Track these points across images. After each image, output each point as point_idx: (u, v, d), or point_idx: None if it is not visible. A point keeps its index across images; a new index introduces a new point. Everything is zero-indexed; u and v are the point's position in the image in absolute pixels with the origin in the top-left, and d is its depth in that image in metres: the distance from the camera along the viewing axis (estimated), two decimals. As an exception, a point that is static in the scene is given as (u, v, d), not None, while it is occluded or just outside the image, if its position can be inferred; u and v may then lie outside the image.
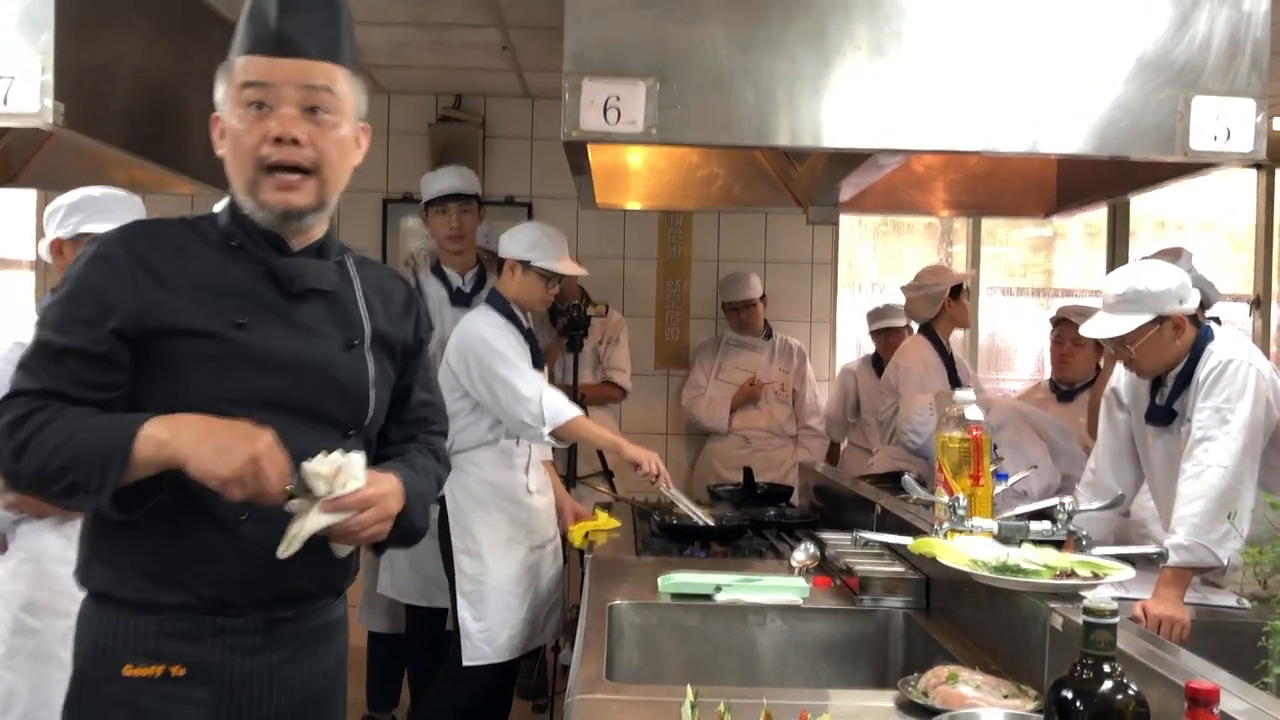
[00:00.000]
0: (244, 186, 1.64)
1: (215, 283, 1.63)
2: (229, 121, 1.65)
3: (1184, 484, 2.82)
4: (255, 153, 1.61)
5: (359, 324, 1.75)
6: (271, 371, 1.63)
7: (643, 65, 2.30)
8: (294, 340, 1.66)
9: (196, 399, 1.57)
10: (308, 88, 1.63)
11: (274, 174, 1.62)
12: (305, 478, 1.57)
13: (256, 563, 1.60)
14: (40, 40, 2.40)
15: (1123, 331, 2.89)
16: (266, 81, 1.62)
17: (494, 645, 3.46)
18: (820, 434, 5.18)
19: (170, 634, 1.60)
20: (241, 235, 1.67)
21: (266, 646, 1.66)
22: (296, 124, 1.62)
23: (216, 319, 1.60)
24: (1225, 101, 2.34)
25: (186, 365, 1.59)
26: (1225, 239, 6.26)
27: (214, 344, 1.60)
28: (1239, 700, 1.47)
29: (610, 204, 3.75)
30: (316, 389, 1.68)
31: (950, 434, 2.41)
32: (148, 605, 1.60)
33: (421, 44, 4.51)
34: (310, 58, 1.64)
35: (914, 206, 3.88)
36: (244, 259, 1.66)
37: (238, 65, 1.65)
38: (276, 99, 1.62)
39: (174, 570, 1.60)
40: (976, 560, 2.07)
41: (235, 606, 1.63)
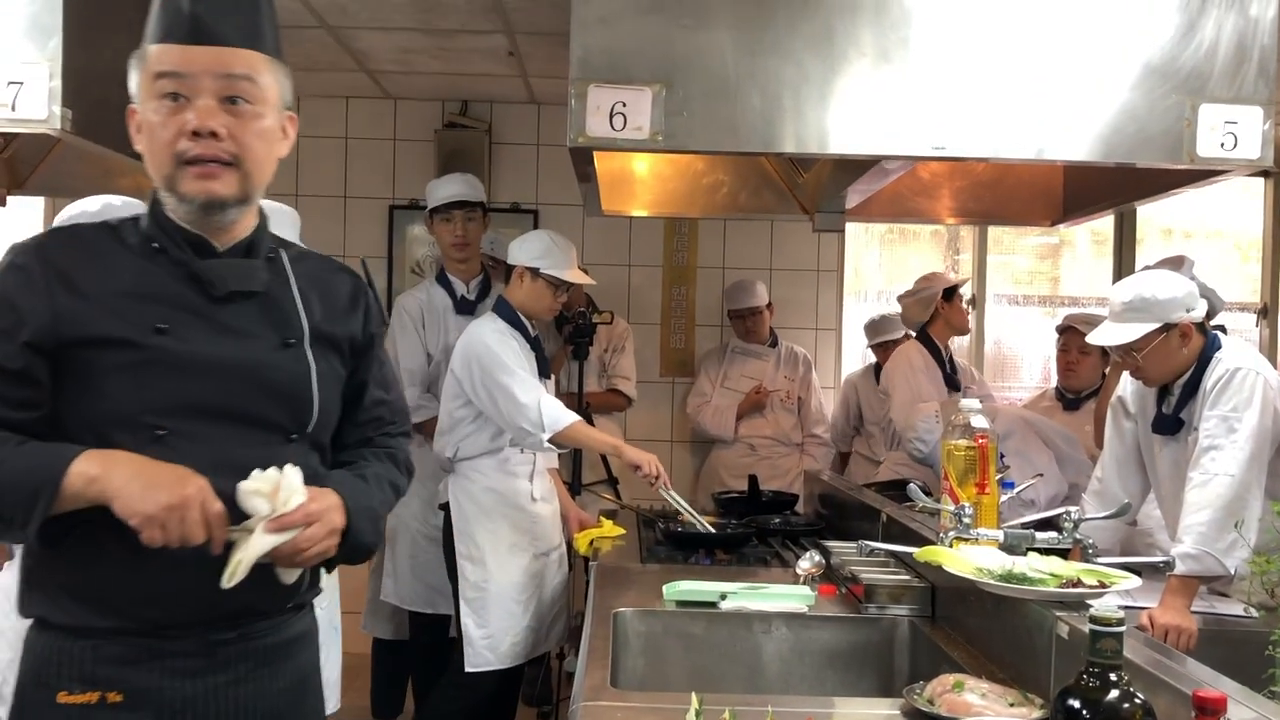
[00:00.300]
0: (164, 182, 1.57)
1: (134, 288, 1.56)
2: (144, 114, 1.57)
3: (1191, 493, 2.81)
4: (172, 147, 1.54)
5: (296, 322, 1.66)
6: (196, 377, 1.55)
7: (649, 71, 2.31)
8: (220, 343, 1.58)
9: (118, 411, 1.52)
10: (226, 77, 1.55)
11: (193, 165, 1.54)
12: (243, 499, 1.49)
13: (192, 583, 1.51)
14: (48, 46, 2.41)
15: (1129, 339, 2.89)
16: (181, 71, 1.53)
17: (497, 652, 3.45)
18: (825, 442, 5.18)
19: (106, 659, 1.53)
20: (162, 238, 1.59)
21: (209, 669, 1.58)
22: (214, 116, 1.54)
23: (133, 325, 1.53)
24: (1232, 109, 2.34)
25: (104, 376, 1.52)
26: (1233, 247, 6.25)
27: (132, 352, 1.52)
28: (1246, 709, 1.47)
29: (616, 211, 3.75)
30: (249, 392, 1.59)
31: (956, 442, 2.41)
32: (83, 630, 1.54)
33: (427, 50, 4.52)
34: (228, 45, 1.56)
35: (920, 214, 3.88)
36: (165, 262, 1.59)
37: (150, 54, 1.56)
38: (193, 90, 1.53)
39: (108, 594, 1.53)
40: (982, 569, 2.06)
41: (173, 629, 1.56)
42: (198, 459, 1.51)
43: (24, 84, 2.41)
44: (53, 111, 2.42)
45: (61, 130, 2.44)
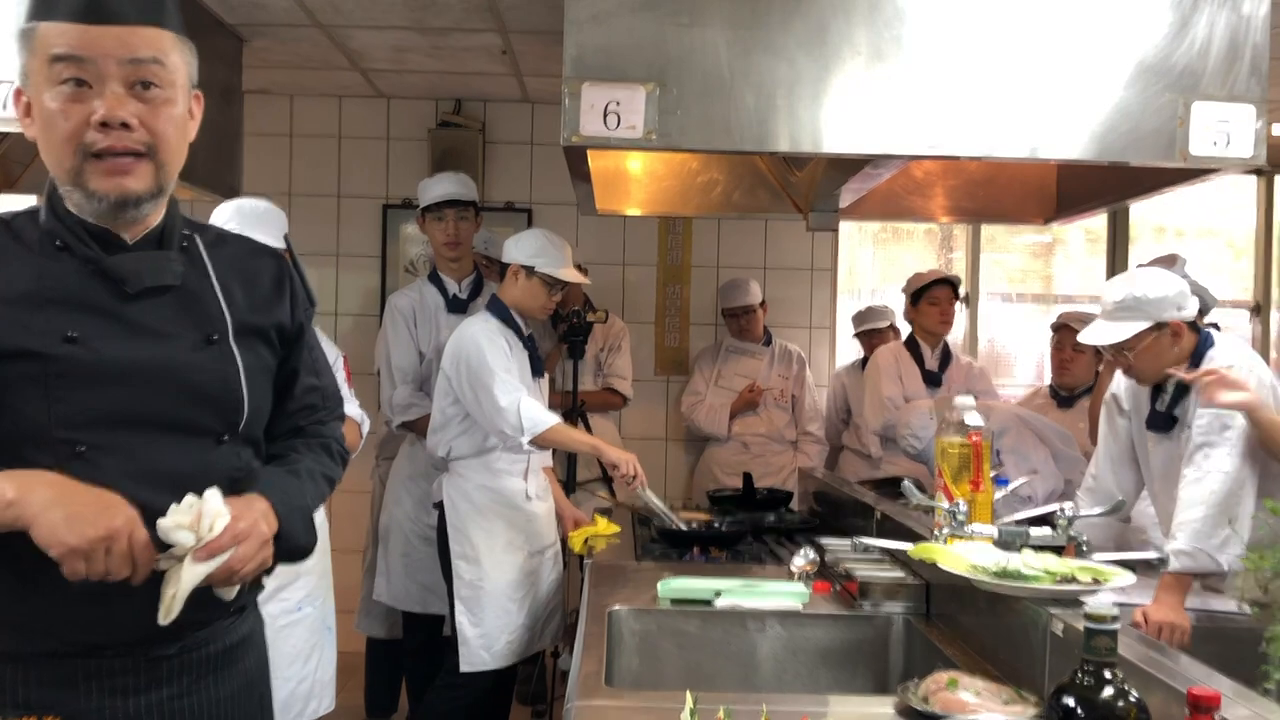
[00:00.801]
0: (66, 176, 1.44)
1: (37, 292, 1.43)
2: (41, 101, 1.43)
3: (1184, 490, 2.82)
4: (77, 139, 1.41)
5: (218, 315, 1.54)
6: (113, 385, 1.44)
7: (642, 70, 2.30)
8: (137, 346, 1.46)
9: (30, 429, 1.40)
10: (133, 61, 1.42)
11: (102, 159, 1.42)
12: (167, 535, 1.39)
13: (129, 605, 1.42)
14: (40, 45, 2.40)
15: (1121, 338, 2.89)
16: (83, 56, 1.40)
17: (491, 651, 3.45)
18: (820, 440, 5.18)
19: (42, 683, 1.44)
20: (65, 233, 1.46)
21: (150, 684, 1.50)
22: (124, 105, 1.41)
23: (40, 335, 1.41)
24: (1225, 107, 2.34)
25: (12, 392, 1.40)
26: (1225, 245, 6.26)
27: (40, 364, 1.40)
28: (1240, 706, 1.47)
29: (610, 210, 3.75)
30: (171, 397, 1.47)
31: (950, 439, 2.41)
32: (13, 656, 1.44)
33: (421, 49, 4.51)
34: (129, 23, 1.42)
35: (914, 213, 3.89)
36: (69, 260, 1.46)
37: (42, 33, 1.42)
38: (97, 75, 1.40)
39: (36, 619, 1.44)
40: (976, 566, 2.07)
41: (108, 649, 1.47)
42: (123, 473, 1.42)
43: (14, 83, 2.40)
44: (45, 110, 2.41)
45: (54, 129, 2.43)
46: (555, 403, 3.98)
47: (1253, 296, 5.98)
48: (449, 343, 3.54)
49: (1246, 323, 5.97)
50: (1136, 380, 3.04)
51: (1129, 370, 2.99)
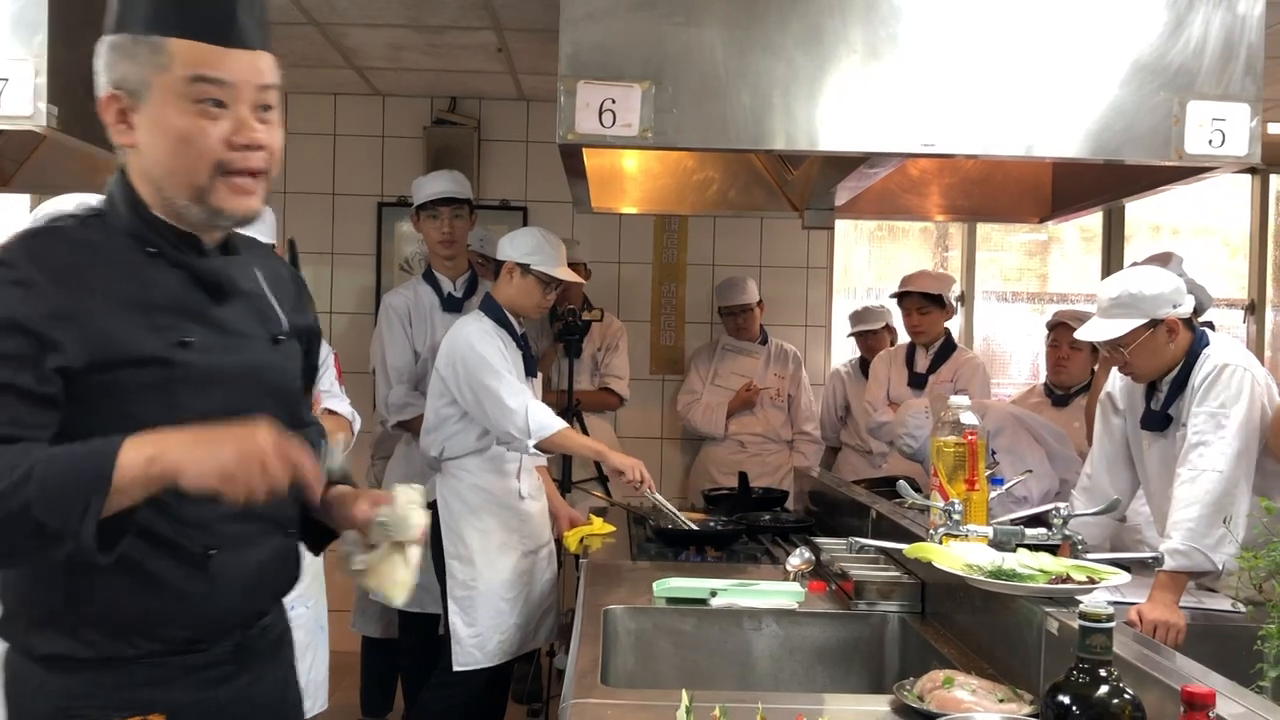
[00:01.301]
0: (189, 191, 1.46)
1: (147, 297, 1.46)
2: (167, 117, 1.45)
3: (1179, 489, 2.82)
4: (213, 156, 1.44)
5: (275, 316, 1.61)
6: (216, 388, 1.49)
7: (638, 68, 2.30)
8: (228, 349, 1.52)
9: (150, 431, 1.42)
10: (261, 86, 1.47)
11: (232, 178, 1.46)
12: (409, 515, 1.54)
13: (227, 595, 1.51)
14: (34, 42, 2.40)
15: (1116, 335, 2.90)
16: (227, 79, 1.44)
17: (485, 650, 3.45)
18: (815, 439, 5.19)
19: (142, 683, 1.48)
20: (156, 239, 1.49)
21: (239, 672, 1.57)
22: (256, 127, 1.47)
23: (158, 341, 1.44)
24: (1220, 106, 2.35)
25: (134, 396, 1.43)
26: (1221, 244, 6.27)
27: (163, 370, 1.44)
28: (1234, 704, 1.47)
29: (606, 208, 3.74)
30: (255, 396, 1.54)
31: (945, 439, 2.41)
32: (116, 660, 1.47)
33: (416, 46, 4.51)
34: (256, 48, 1.47)
35: (909, 211, 3.89)
36: (164, 266, 1.49)
37: (181, 52, 1.43)
38: (234, 98, 1.45)
39: (142, 622, 1.47)
40: (972, 565, 2.07)
41: (205, 642, 1.53)
42: None
43: (9, 80, 2.39)
44: (38, 108, 2.41)
45: (47, 127, 2.43)
46: (550, 402, 3.98)
47: (1247, 295, 5.99)
48: (443, 343, 3.53)
49: (1241, 321, 5.98)
50: (1132, 378, 3.04)
51: (1125, 368, 3.00)
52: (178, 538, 1.46)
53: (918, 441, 4.03)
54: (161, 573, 1.46)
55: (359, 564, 1.56)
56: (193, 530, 1.47)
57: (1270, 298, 5.99)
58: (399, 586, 1.54)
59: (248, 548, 1.54)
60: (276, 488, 1.36)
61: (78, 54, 2.59)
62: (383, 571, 1.55)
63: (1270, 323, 6.01)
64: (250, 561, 1.54)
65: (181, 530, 1.46)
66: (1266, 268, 5.96)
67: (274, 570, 1.61)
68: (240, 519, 1.49)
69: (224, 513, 1.44)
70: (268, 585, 1.61)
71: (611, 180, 3.67)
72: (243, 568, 1.52)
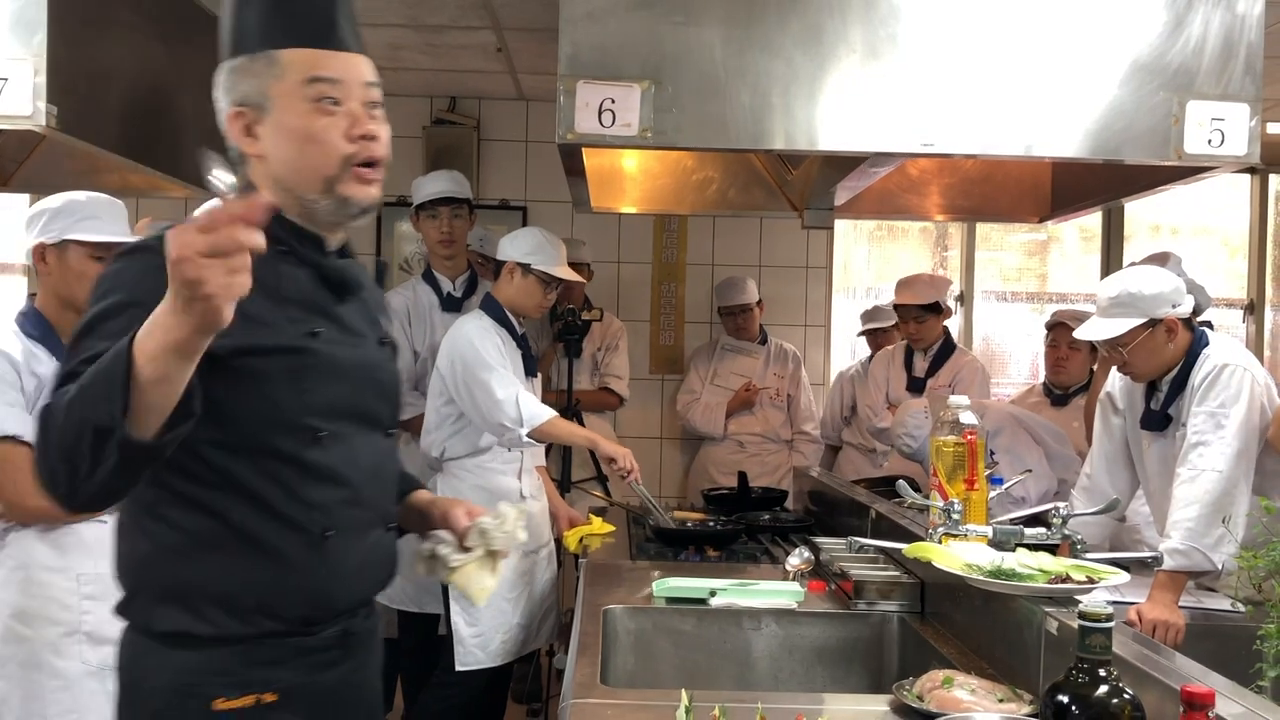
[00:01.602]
0: (319, 185, 1.56)
1: (281, 291, 1.56)
2: (290, 120, 1.55)
3: (1179, 488, 2.82)
4: (340, 150, 1.55)
5: (383, 320, 1.76)
6: (340, 379, 1.60)
7: (638, 68, 2.30)
8: (349, 344, 1.63)
9: (281, 415, 1.54)
10: (369, 84, 1.61)
11: (358, 168, 1.57)
12: (516, 530, 1.72)
13: (339, 575, 1.60)
14: (33, 42, 2.40)
15: (1115, 334, 2.90)
16: (339, 78, 1.56)
17: (487, 650, 3.45)
18: (815, 439, 5.18)
19: (257, 662, 1.55)
20: (287, 237, 1.58)
21: (343, 658, 1.64)
22: (370, 119, 1.59)
23: (292, 331, 1.55)
24: (1219, 105, 2.35)
25: (270, 381, 1.53)
26: (1220, 244, 6.27)
27: (294, 358, 1.55)
28: (1234, 704, 1.47)
29: (605, 208, 3.74)
30: (369, 392, 1.66)
31: (944, 439, 2.41)
32: (234, 638, 1.54)
33: (416, 46, 4.51)
34: (355, 51, 1.61)
35: (909, 211, 3.89)
36: (294, 264, 1.59)
37: (295, 60, 1.55)
38: (346, 95, 1.57)
39: (259, 599, 1.54)
40: (971, 565, 2.06)
41: (317, 624, 1.60)
42: (343, 459, 1.59)
43: (8, 80, 2.39)
44: (37, 108, 2.41)
45: (46, 127, 2.43)
46: (550, 401, 3.97)
47: (1247, 295, 5.99)
48: (443, 342, 3.53)
49: (1240, 321, 5.98)
50: (1131, 378, 3.04)
51: (1124, 367, 3.00)
52: (298, 516, 1.54)
53: (916, 441, 4.03)
54: (282, 549, 1.54)
55: (455, 562, 1.69)
56: (313, 511, 1.56)
57: (1270, 297, 5.99)
58: (484, 591, 1.70)
59: (358, 535, 1.62)
60: (231, 256, 1.22)
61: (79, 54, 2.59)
62: (472, 574, 1.70)
63: (1269, 323, 6.01)
64: (360, 548, 1.62)
65: (302, 510, 1.55)
66: (1266, 267, 5.96)
67: (377, 561, 1.68)
68: (353, 505, 1.60)
69: (340, 497, 1.58)
70: (371, 574, 1.68)
71: (611, 180, 3.67)
72: (353, 553, 1.60)
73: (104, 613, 2.47)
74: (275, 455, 1.54)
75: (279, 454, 1.54)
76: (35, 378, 2.44)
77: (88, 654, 2.45)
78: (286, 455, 1.54)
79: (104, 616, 2.47)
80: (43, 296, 2.56)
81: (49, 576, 2.44)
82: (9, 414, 2.38)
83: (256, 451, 1.53)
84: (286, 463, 1.54)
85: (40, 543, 2.45)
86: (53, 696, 2.41)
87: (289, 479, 1.54)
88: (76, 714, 2.43)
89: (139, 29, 2.88)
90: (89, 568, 2.46)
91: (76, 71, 2.55)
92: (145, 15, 2.89)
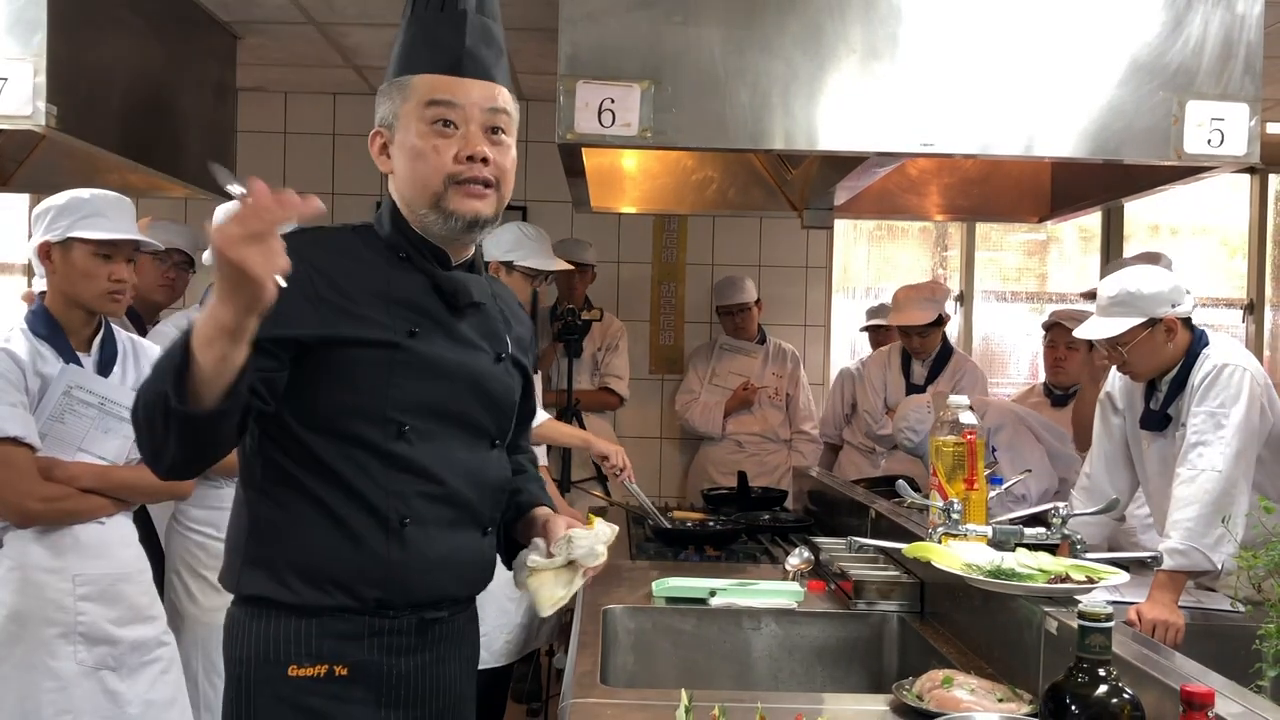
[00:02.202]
0: (427, 199, 1.67)
1: (388, 292, 1.67)
2: (408, 139, 1.68)
3: (1178, 488, 2.82)
4: (446, 168, 1.66)
5: (503, 338, 1.80)
6: (436, 380, 1.67)
7: (637, 68, 2.30)
8: (456, 351, 1.70)
9: (368, 406, 1.62)
10: (492, 110, 1.69)
11: (463, 185, 1.67)
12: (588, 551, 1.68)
13: (417, 565, 1.65)
14: (33, 42, 2.40)
15: (1115, 333, 2.90)
16: (456, 101, 1.67)
17: (491, 650, 3.44)
18: (814, 438, 5.18)
19: (331, 635, 1.63)
20: (408, 248, 1.71)
21: (419, 647, 1.70)
22: (483, 143, 1.67)
23: (390, 328, 1.64)
24: (1219, 105, 2.35)
25: (360, 372, 1.63)
26: (1219, 243, 6.27)
27: (389, 352, 1.63)
28: (1234, 703, 1.47)
29: (605, 207, 3.75)
30: (472, 399, 1.72)
31: (944, 438, 2.41)
32: (309, 609, 1.62)
33: (416, 47, 4.50)
34: (491, 80, 1.71)
35: (908, 211, 3.89)
36: (410, 271, 1.70)
37: (420, 84, 1.68)
38: (463, 118, 1.67)
39: (337, 574, 1.62)
40: (971, 564, 2.06)
41: (393, 608, 1.66)
42: (430, 456, 1.66)
43: (8, 80, 2.39)
44: (37, 107, 2.41)
45: (46, 126, 2.43)
46: (550, 401, 3.98)
47: (1246, 295, 5.99)
48: (444, 341, 3.53)
49: (1240, 321, 5.98)
50: (1131, 377, 3.04)
51: (1123, 367, 3.00)
52: (377, 502, 1.62)
53: (919, 436, 4.03)
54: (360, 531, 1.62)
55: (533, 563, 1.68)
56: (392, 499, 1.63)
57: (1269, 297, 5.99)
58: (551, 601, 1.67)
59: (443, 530, 1.68)
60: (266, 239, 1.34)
61: (79, 54, 2.59)
62: (546, 580, 1.68)
63: (1269, 322, 6.01)
64: (443, 543, 1.68)
65: (381, 496, 1.62)
66: (1265, 267, 5.96)
67: (464, 560, 1.72)
68: (439, 501, 1.67)
69: (422, 490, 1.65)
70: (455, 572, 1.72)
71: (611, 180, 3.67)
72: (434, 546, 1.66)
73: (99, 613, 2.49)
74: (358, 442, 1.62)
75: (362, 441, 1.62)
76: (40, 378, 2.44)
77: (83, 654, 2.45)
78: (370, 443, 1.62)
79: (99, 617, 2.49)
80: (50, 295, 2.56)
81: (45, 577, 2.44)
82: (11, 415, 2.38)
83: (341, 437, 1.62)
84: (370, 450, 1.63)
85: (36, 544, 2.45)
86: (48, 697, 2.41)
87: (370, 466, 1.62)
88: (72, 714, 2.43)
89: (139, 29, 2.88)
90: (85, 569, 2.46)
91: (76, 71, 2.55)
92: (145, 15, 2.89)
